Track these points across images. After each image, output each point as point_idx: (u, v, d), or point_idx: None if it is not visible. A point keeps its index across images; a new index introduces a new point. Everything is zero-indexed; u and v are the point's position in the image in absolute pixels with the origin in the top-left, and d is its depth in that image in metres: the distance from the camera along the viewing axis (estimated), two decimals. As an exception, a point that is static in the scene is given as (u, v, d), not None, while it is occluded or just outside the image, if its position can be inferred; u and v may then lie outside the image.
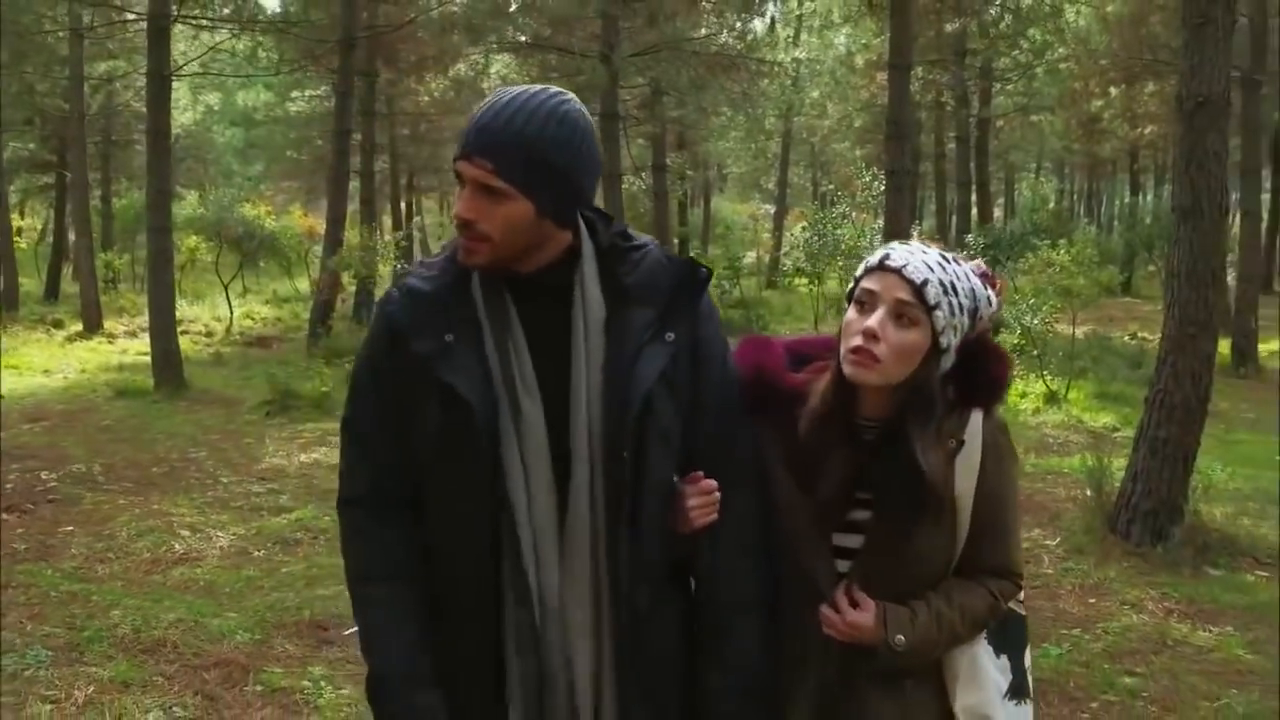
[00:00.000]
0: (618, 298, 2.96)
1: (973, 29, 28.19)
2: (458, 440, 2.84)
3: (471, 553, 2.90)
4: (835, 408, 3.07)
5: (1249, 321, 25.66)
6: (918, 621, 3.07)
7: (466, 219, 2.83)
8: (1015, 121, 46.64)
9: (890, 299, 2.96)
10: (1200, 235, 9.64)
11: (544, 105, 2.82)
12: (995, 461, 3.12)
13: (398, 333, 2.90)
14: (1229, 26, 9.67)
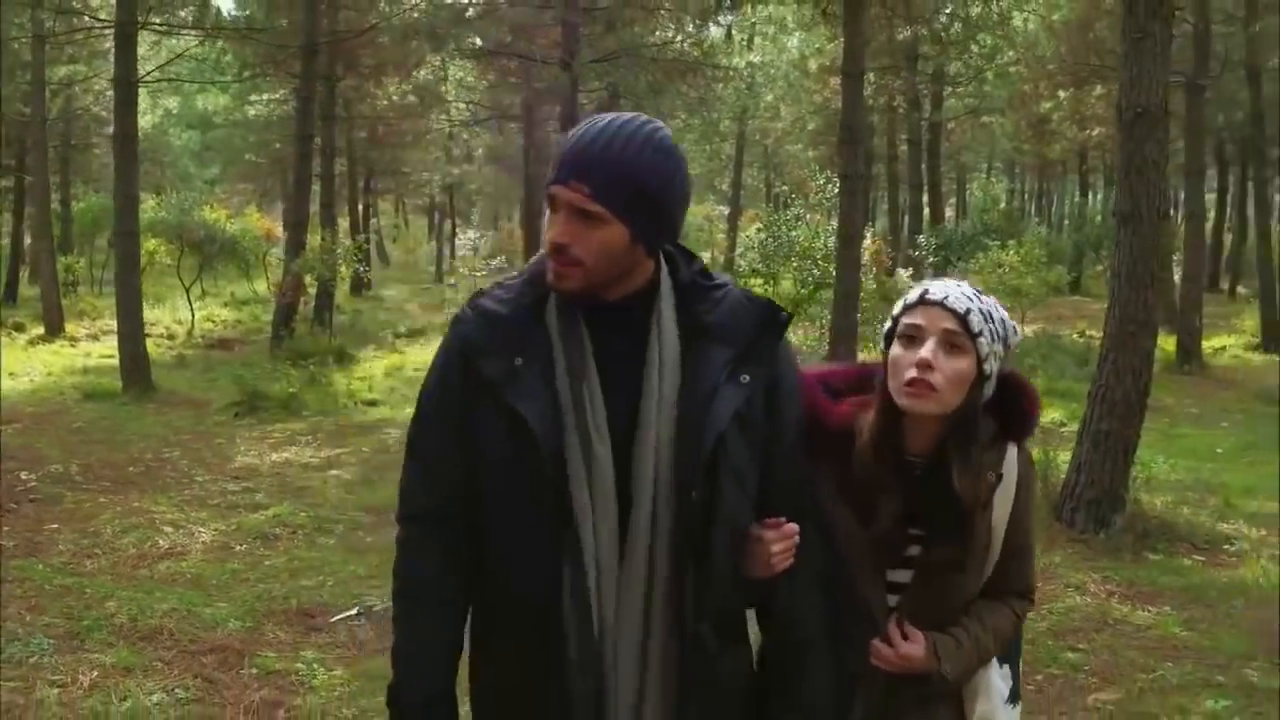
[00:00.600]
0: (695, 335, 2.92)
1: (924, 35, 28.60)
2: (523, 468, 2.82)
3: (534, 581, 2.85)
4: (884, 444, 3.13)
5: (1193, 320, 26.18)
6: (963, 650, 3.18)
7: (561, 243, 2.79)
8: (966, 123, 47.07)
9: (938, 330, 3.04)
10: (1139, 238, 10.11)
11: (640, 131, 2.82)
12: (1025, 492, 3.24)
13: (470, 353, 2.88)
14: (1166, 40, 10.14)
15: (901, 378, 3.04)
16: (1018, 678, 3.42)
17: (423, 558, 3.02)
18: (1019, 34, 33.27)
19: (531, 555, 2.85)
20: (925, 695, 3.19)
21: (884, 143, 41.61)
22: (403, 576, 3.06)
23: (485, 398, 2.84)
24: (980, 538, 3.15)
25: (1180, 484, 13.40)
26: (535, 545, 2.84)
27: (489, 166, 53.44)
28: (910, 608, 3.17)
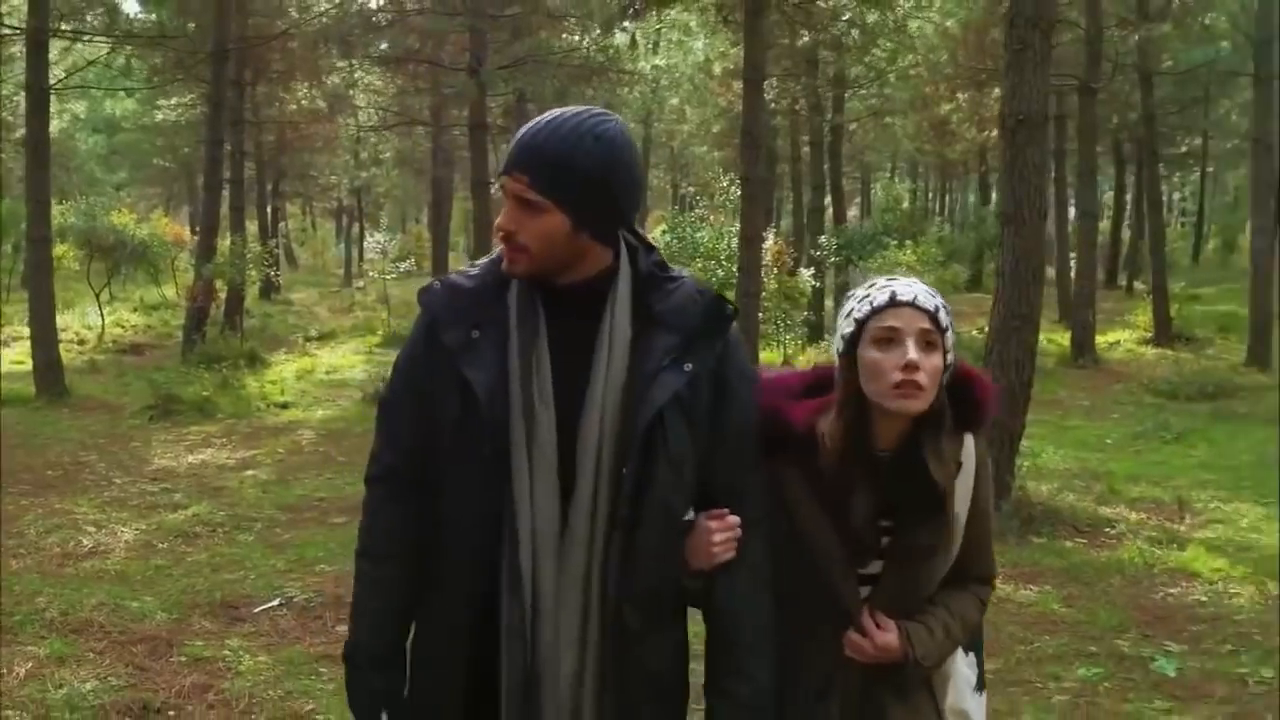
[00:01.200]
0: (646, 323, 3.03)
1: (823, 41, 29.05)
2: (470, 434, 2.94)
3: (475, 543, 2.97)
4: (854, 442, 3.19)
5: (1087, 315, 26.83)
6: (935, 637, 3.24)
7: (506, 230, 2.94)
8: (869, 125, 47.62)
9: (915, 330, 3.09)
10: (1022, 238, 10.63)
11: (582, 124, 2.92)
12: (983, 481, 3.32)
13: (433, 322, 3.02)
14: (1045, 52, 10.65)
15: (887, 380, 3.09)
16: (982, 666, 3.54)
17: (383, 517, 3.17)
18: (918, 37, 33.84)
19: (472, 521, 2.98)
20: (901, 684, 3.27)
21: (788, 144, 41.98)
22: (365, 535, 3.19)
23: (444, 365, 2.98)
24: (947, 519, 3.23)
25: (1068, 472, 14.04)
26: (476, 511, 2.97)
27: (397, 170, 53.50)
28: (881, 599, 3.24)
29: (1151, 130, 32.01)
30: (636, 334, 3.01)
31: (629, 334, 3.00)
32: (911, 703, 3.32)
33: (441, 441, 3.02)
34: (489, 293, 3.02)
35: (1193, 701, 7.16)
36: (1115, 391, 22.40)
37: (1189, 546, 10.58)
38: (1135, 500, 12.57)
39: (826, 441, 3.20)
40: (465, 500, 2.99)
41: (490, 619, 2.98)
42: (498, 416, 2.92)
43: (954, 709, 3.38)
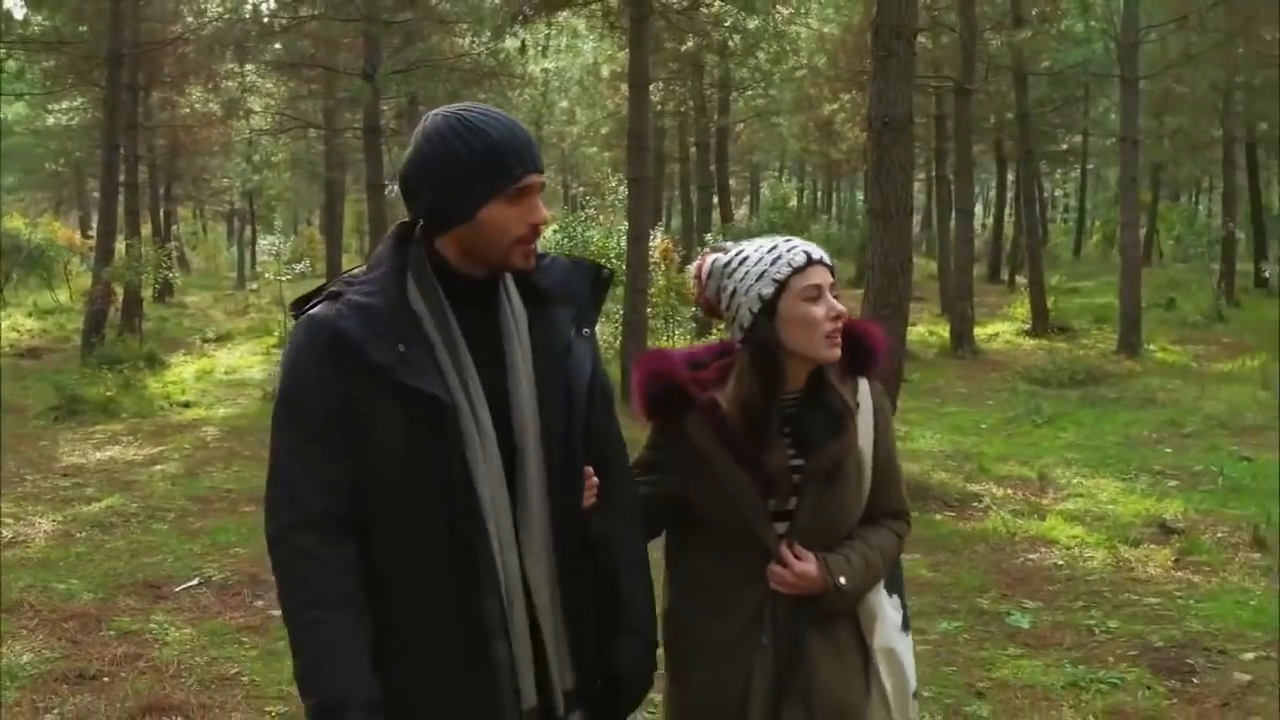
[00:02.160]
0: (536, 300, 3.17)
1: (706, 46, 29.51)
2: (423, 447, 2.95)
3: (441, 552, 2.98)
4: (772, 387, 3.41)
5: (965, 308, 27.61)
6: (853, 565, 3.41)
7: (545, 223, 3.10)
8: (756, 125, 48.19)
9: (829, 283, 3.38)
10: (889, 233, 11.28)
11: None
12: (883, 420, 3.55)
13: (353, 345, 2.92)
14: (909, 59, 11.30)
15: (820, 330, 3.34)
16: (906, 607, 3.70)
17: (328, 564, 2.98)
18: (801, 40, 34.48)
19: (434, 530, 2.97)
20: (825, 614, 3.43)
21: (676, 145, 42.55)
22: (300, 587, 2.98)
23: (374, 384, 2.93)
24: (853, 452, 3.45)
25: (942, 453, 14.84)
26: (437, 519, 2.96)
27: (290, 173, 53.47)
28: (799, 532, 3.42)
29: (1026, 129, 32.94)
30: (531, 313, 3.16)
31: (525, 314, 3.15)
32: (836, 639, 3.49)
33: (381, 466, 2.99)
34: (397, 305, 3.01)
35: (1042, 649, 7.91)
36: (992, 380, 23.19)
37: (1049, 517, 11.38)
38: (1003, 478, 13.34)
39: (740, 393, 3.42)
40: (421, 518, 2.98)
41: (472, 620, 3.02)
42: (456, 420, 2.98)
43: (883, 648, 3.54)
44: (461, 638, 3.00)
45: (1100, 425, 17.31)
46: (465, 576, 2.99)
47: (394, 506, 3.00)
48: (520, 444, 3.08)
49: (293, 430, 3.01)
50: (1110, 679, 7.31)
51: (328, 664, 2.94)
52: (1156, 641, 8.00)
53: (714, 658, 3.54)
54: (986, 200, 73.80)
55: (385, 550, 3.02)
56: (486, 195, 2.99)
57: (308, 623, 2.95)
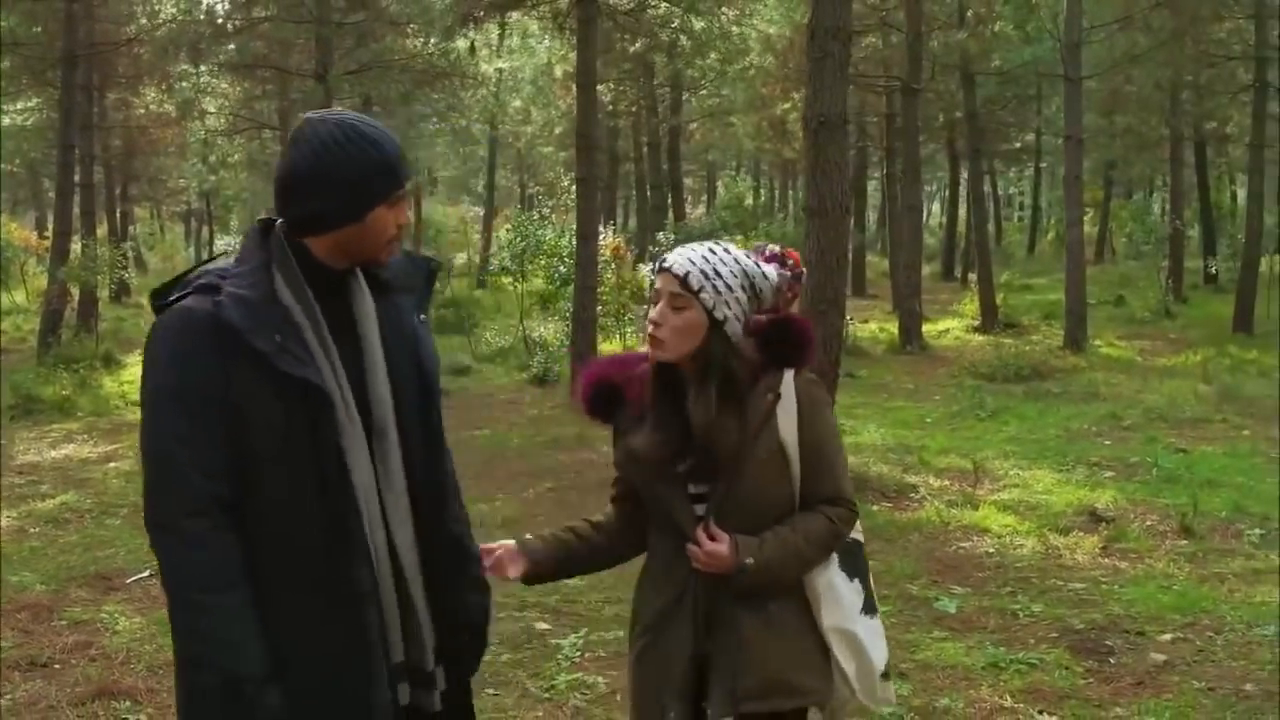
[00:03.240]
0: (380, 290, 3.39)
1: (654, 47, 29.65)
2: (302, 429, 3.13)
3: (317, 526, 3.17)
4: (656, 381, 3.69)
5: (913, 305, 27.93)
6: (765, 545, 3.56)
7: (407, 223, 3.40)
8: (711, 124, 48.34)
9: (666, 292, 3.58)
10: (825, 230, 11.43)
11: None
12: (811, 409, 3.67)
13: (234, 334, 3.06)
14: (844, 59, 11.46)
15: (646, 330, 3.66)
16: (870, 590, 3.84)
17: (216, 549, 3.09)
18: (752, 41, 34.69)
19: (309, 507, 3.17)
20: (745, 594, 3.59)
21: (630, 145, 42.71)
22: (192, 572, 3.09)
23: (253, 371, 3.09)
24: (765, 449, 3.61)
25: (885, 447, 15.06)
26: (312, 497, 3.16)
27: (246, 174, 53.38)
28: (716, 514, 3.62)
29: (975, 127, 33.24)
30: (377, 302, 3.38)
31: (372, 303, 3.37)
32: (767, 615, 3.63)
33: (260, 450, 3.14)
34: (269, 297, 3.16)
35: (967, 632, 8.16)
36: (939, 375, 23.42)
37: (983, 507, 11.64)
38: (942, 470, 13.58)
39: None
40: (299, 496, 3.16)
41: (347, 587, 3.22)
42: (330, 405, 3.17)
43: (839, 628, 3.68)
44: (336, 606, 3.19)
45: (1042, 419, 17.58)
46: (339, 550, 3.18)
47: (272, 488, 3.16)
48: (379, 422, 3.31)
49: (175, 419, 3.11)
50: (1029, 659, 7.55)
51: (227, 643, 3.08)
52: (1077, 624, 8.26)
53: (649, 630, 3.81)
54: (943, 199, 74.10)
55: (264, 529, 3.17)
56: (378, 200, 3.23)
57: (203, 605, 3.08)
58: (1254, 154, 30.44)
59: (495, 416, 18.88)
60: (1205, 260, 40.51)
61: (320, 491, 3.16)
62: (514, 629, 8.24)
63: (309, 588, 3.19)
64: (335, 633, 3.20)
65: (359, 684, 3.23)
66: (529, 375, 22.94)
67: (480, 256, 45.20)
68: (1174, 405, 18.12)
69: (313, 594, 3.19)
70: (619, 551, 4.06)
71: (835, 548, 3.73)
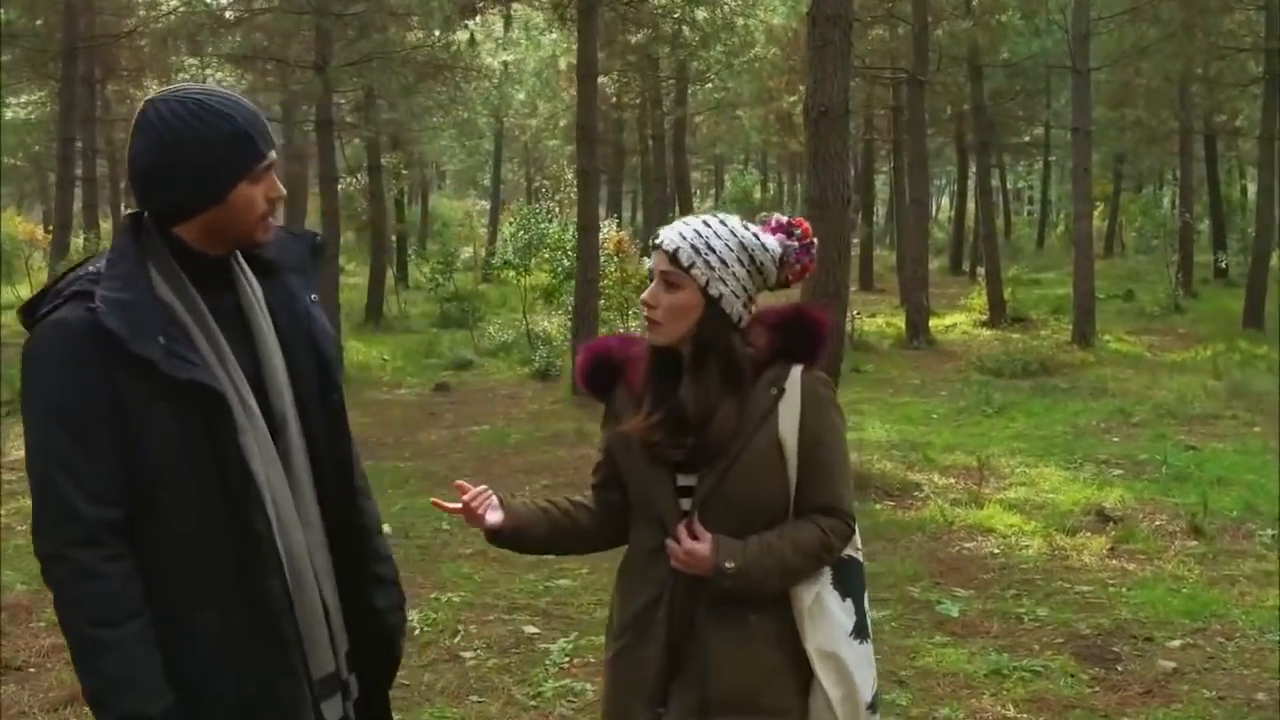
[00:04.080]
0: (265, 272, 3.21)
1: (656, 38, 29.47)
2: (195, 436, 2.94)
3: (224, 539, 2.98)
4: (653, 363, 3.51)
5: (920, 299, 27.65)
6: (748, 549, 3.35)
7: (283, 197, 3.17)
8: (718, 118, 48.22)
9: (658, 271, 3.41)
10: (826, 223, 11.24)
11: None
12: (816, 408, 3.45)
13: (114, 342, 2.86)
14: (845, 48, 11.30)
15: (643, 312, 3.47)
16: (863, 613, 3.57)
17: (111, 580, 2.90)
18: (758, 33, 34.52)
19: (215, 517, 2.98)
20: (715, 597, 3.38)
21: (636, 138, 42.55)
22: (85, 608, 2.89)
23: (139, 381, 2.89)
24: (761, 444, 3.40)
25: (889, 443, 14.85)
26: (217, 506, 2.97)
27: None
28: (701, 509, 3.42)
29: (982, 120, 33.01)
30: (264, 284, 3.21)
31: (260, 287, 3.20)
32: (745, 626, 3.43)
33: (152, 462, 2.95)
34: (148, 297, 2.97)
35: (970, 637, 7.94)
36: (946, 370, 23.22)
37: (988, 506, 11.40)
38: (947, 467, 13.35)
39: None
40: (202, 508, 2.98)
41: (261, 598, 3.04)
42: (226, 406, 2.97)
43: (823, 650, 3.44)
44: (249, 623, 3.02)
45: (1050, 415, 17.36)
46: (250, 561, 3.00)
47: (172, 501, 2.97)
48: (280, 414, 3.13)
49: (58, 442, 2.91)
50: (1034, 667, 7.34)
51: (123, 680, 2.89)
52: (1084, 629, 8.04)
53: (624, 631, 3.59)
54: (952, 193, 73.92)
55: (168, 545, 2.99)
56: (238, 176, 3.01)
57: (97, 642, 2.89)
58: (1264, 147, 30.09)
59: (495, 411, 18.73)
60: (1215, 254, 40.37)
61: (224, 499, 2.98)
62: (502, 632, 8.10)
63: (221, 604, 3.02)
64: (253, 651, 3.04)
65: (281, 708, 3.08)
66: (531, 370, 22.83)
67: (486, 250, 45.06)
68: (1183, 401, 17.86)
69: (226, 611, 3.02)
70: (596, 539, 3.82)
71: (826, 562, 3.49)
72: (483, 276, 40.17)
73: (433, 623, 8.24)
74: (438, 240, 43.75)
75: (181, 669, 2.98)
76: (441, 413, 18.90)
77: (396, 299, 36.70)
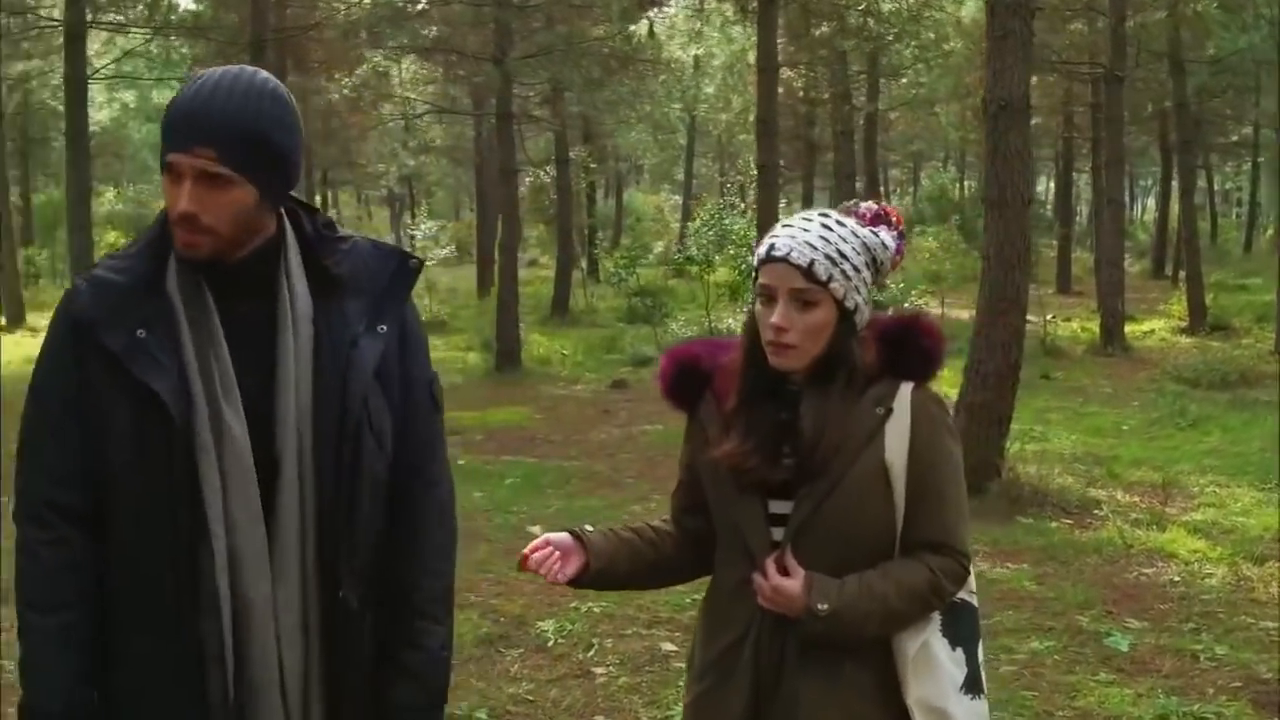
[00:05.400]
0: (326, 289, 2.85)
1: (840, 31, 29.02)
2: (151, 446, 2.69)
3: (163, 565, 2.72)
4: (748, 377, 3.12)
5: (1115, 304, 26.76)
6: (845, 590, 2.98)
7: (190, 213, 2.65)
8: (915, 113, 47.52)
9: (786, 290, 2.98)
10: (1006, 222, 10.79)
11: (255, 84, 2.71)
12: (928, 430, 3.08)
13: (84, 327, 2.70)
14: (1027, 39, 10.80)
15: (766, 337, 3.03)
16: (976, 664, 3.17)
17: (46, 562, 2.75)
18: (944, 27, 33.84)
19: (158, 539, 2.72)
20: (804, 640, 3.01)
21: (829, 133, 42.00)
22: (27, 584, 2.78)
23: (105, 373, 2.70)
24: (865, 468, 3.04)
25: (1072, 456, 14.18)
26: (162, 528, 2.71)
27: (445, 159, 53.84)
28: (795, 541, 3.05)
29: (1185, 119, 31.89)
30: (317, 303, 2.84)
31: (311, 305, 2.83)
32: (838, 675, 3.06)
33: (110, 461, 2.74)
34: (145, 285, 2.74)
35: (1138, 675, 7.31)
36: (1139, 379, 22.41)
37: (1171, 528, 10.72)
38: (1132, 484, 12.68)
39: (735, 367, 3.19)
40: (147, 517, 2.73)
41: (189, 641, 2.74)
42: (185, 422, 2.68)
43: (927, 705, 3.06)
44: (175, 663, 2.75)
45: (1247, 430, 16.49)
46: (186, 596, 2.73)
47: (122, 508, 2.76)
48: (277, 450, 2.78)
49: (33, 416, 2.82)
50: (1205, 714, 6.70)
51: (37, 668, 2.77)
52: (1264, 673, 7.34)
53: (705, 673, 3.25)
54: (1157, 194, 72.22)
55: (115, 554, 2.78)
56: (162, 168, 2.71)
57: (25, 623, 2.77)
58: None
59: (670, 411, 18.26)
60: None
61: (170, 521, 2.71)
62: (638, 648, 7.71)
63: (154, 635, 2.76)
64: (177, 696, 2.77)
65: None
66: (711, 367, 22.32)
67: (676, 245, 45.01)
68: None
69: (157, 643, 2.76)
70: (680, 571, 3.48)
71: (935, 607, 3.08)
72: (672, 272, 40.11)
73: (568, 634, 7.90)
74: (630, 234, 43.76)
75: (107, 689, 2.81)
76: (615, 410, 18.67)
77: (584, 293, 36.68)
